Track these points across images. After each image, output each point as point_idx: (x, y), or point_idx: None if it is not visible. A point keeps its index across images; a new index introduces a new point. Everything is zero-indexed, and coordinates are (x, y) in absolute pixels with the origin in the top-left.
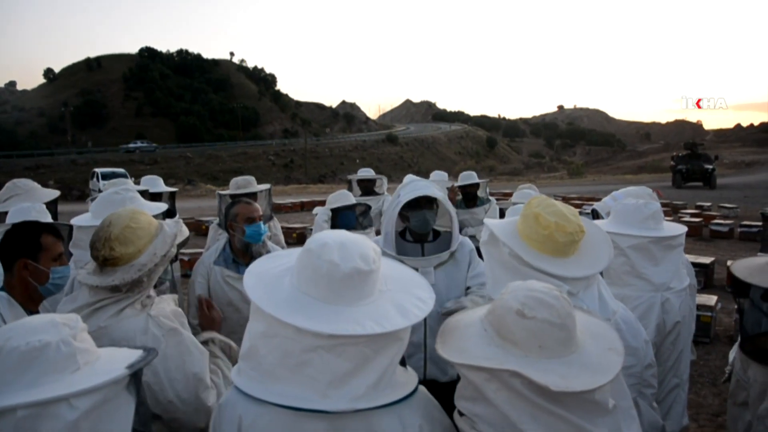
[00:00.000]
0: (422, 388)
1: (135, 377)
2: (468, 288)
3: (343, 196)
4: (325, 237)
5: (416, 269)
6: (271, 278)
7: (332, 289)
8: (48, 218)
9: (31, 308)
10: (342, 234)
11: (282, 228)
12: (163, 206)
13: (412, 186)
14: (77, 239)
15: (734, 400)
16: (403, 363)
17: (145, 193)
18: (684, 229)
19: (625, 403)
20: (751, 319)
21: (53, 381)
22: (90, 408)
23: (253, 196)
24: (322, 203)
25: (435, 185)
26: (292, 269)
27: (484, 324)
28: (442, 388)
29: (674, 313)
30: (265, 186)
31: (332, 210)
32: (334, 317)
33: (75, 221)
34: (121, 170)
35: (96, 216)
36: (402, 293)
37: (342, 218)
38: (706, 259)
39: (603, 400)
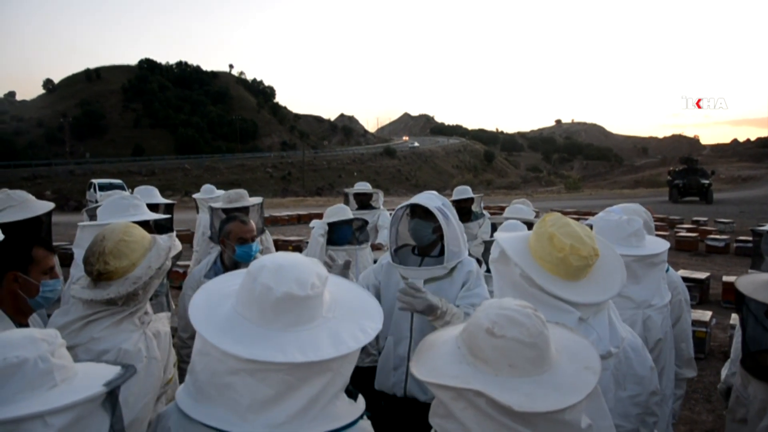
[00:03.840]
0: (364, 423)
1: (111, 394)
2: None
3: (341, 210)
4: (266, 259)
5: (406, 279)
6: (219, 297)
7: (264, 313)
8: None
9: (21, 321)
10: (285, 257)
11: (279, 241)
12: (165, 215)
13: (416, 196)
14: (81, 239)
15: (733, 417)
16: (352, 395)
17: None
18: (666, 245)
19: (604, 423)
20: (754, 336)
21: (29, 398)
22: (65, 425)
23: (245, 209)
24: (320, 216)
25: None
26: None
27: (458, 342)
28: (422, 409)
29: (656, 330)
30: (257, 200)
31: (329, 224)
32: (260, 342)
33: (81, 224)
34: (118, 181)
35: (102, 219)
36: (346, 322)
37: (338, 232)
38: (702, 275)
39: (574, 420)
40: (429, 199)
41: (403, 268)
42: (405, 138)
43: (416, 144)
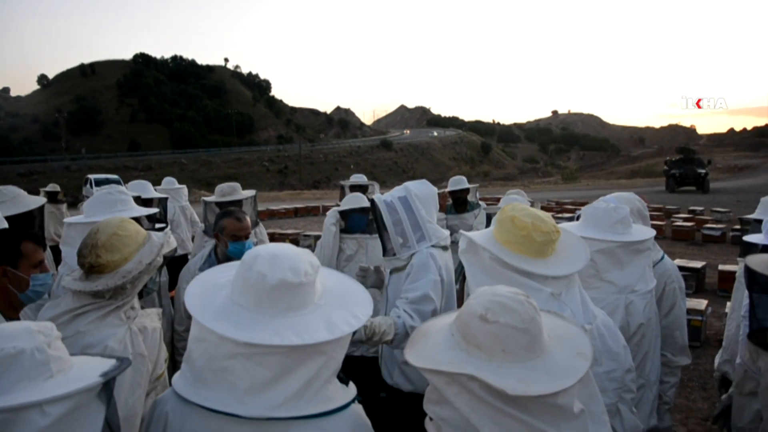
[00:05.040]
0: (356, 407)
1: (107, 386)
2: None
3: (355, 199)
4: (260, 249)
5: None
6: (213, 287)
7: (259, 300)
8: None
9: (11, 315)
10: (278, 246)
11: (275, 234)
12: (151, 210)
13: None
14: (68, 237)
15: (741, 390)
16: (344, 382)
17: (137, 199)
18: (652, 233)
19: (596, 408)
20: (765, 312)
21: (26, 387)
22: (62, 415)
23: (238, 203)
24: (316, 209)
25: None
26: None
27: (452, 329)
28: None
29: (638, 315)
30: (250, 193)
31: (341, 212)
32: (255, 326)
33: (67, 220)
34: (114, 176)
35: (88, 215)
36: (337, 308)
37: (351, 221)
38: (698, 264)
39: (567, 404)
40: (390, 193)
41: (384, 259)
42: (406, 131)
43: (435, 133)
